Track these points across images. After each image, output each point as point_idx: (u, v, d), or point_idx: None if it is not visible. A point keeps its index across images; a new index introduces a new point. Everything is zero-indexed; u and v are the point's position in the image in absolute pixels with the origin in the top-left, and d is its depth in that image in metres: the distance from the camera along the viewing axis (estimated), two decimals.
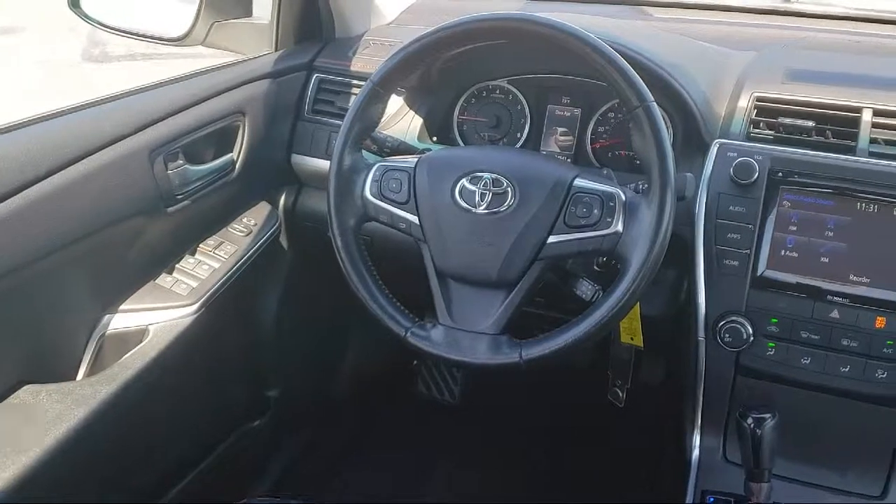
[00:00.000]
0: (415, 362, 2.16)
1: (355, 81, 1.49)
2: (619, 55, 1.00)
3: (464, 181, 1.06)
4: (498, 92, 1.48)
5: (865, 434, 1.17)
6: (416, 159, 1.11)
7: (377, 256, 1.14)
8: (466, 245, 1.05)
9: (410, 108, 1.46)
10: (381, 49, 1.53)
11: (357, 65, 1.52)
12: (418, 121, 1.45)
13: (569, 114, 1.43)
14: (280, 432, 1.81)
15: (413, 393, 2.14)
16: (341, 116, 1.12)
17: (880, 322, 1.08)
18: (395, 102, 1.45)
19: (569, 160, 1.42)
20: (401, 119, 1.46)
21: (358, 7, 1.64)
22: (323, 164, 1.46)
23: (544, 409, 2.08)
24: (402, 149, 1.24)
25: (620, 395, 1.62)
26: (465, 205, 1.05)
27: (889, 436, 1.16)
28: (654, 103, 0.98)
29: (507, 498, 1.87)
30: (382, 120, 1.17)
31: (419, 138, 1.44)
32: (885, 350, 1.08)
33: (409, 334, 1.07)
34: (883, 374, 1.09)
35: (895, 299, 1.07)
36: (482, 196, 1.04)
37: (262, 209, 1.56)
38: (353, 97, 1.44)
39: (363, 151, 1.15)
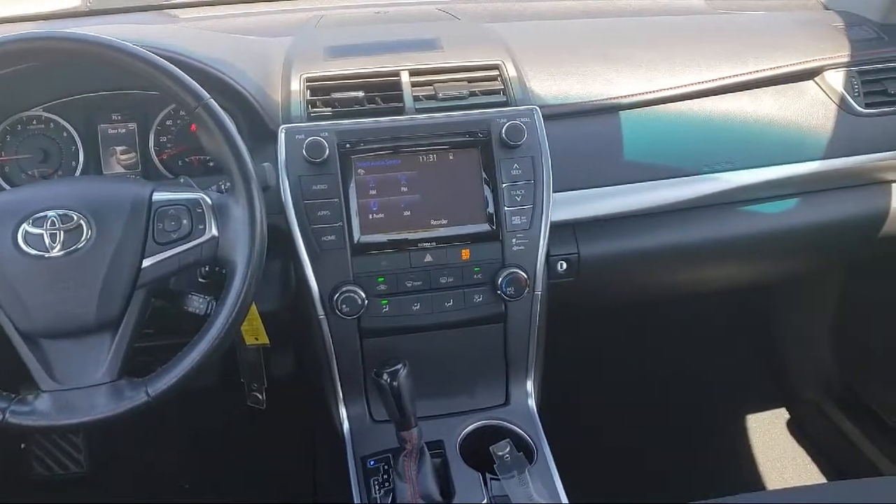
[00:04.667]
0: (22, 445, 1.88)
1: None
2: (163, 60, 0.96)
3: (24, 226, 0.94)
4: (35, 123, 1.32)
5: (481, 355, 1.32)
6: None
7: None
8: (49, 296, 0.94)
9: None
10: None
11: None
12: None
13: (124, 130, 1.34)
14: None
15: (32, 479, 1.86)
16: None
17: (465, 254, 1.22)
18: None
19: (139, 178, 1.33)
20: None
21: None
22: None
23: (188, 437, 1.97)
24: None
25: (260, 397, 1.60)
26: (33, 252, 0.93)
27: (497, 349, 1.32)
28: (213, 100, 0.97)
29: None
30: None
31: None
32: (475, 277, 1.23)
33: (8, 415, 0.93)
34: (479, 297, 1.24)
35: (471, 231, 1.22)
36: (52, 237, 0.93)
37: None
38: None
39: None
